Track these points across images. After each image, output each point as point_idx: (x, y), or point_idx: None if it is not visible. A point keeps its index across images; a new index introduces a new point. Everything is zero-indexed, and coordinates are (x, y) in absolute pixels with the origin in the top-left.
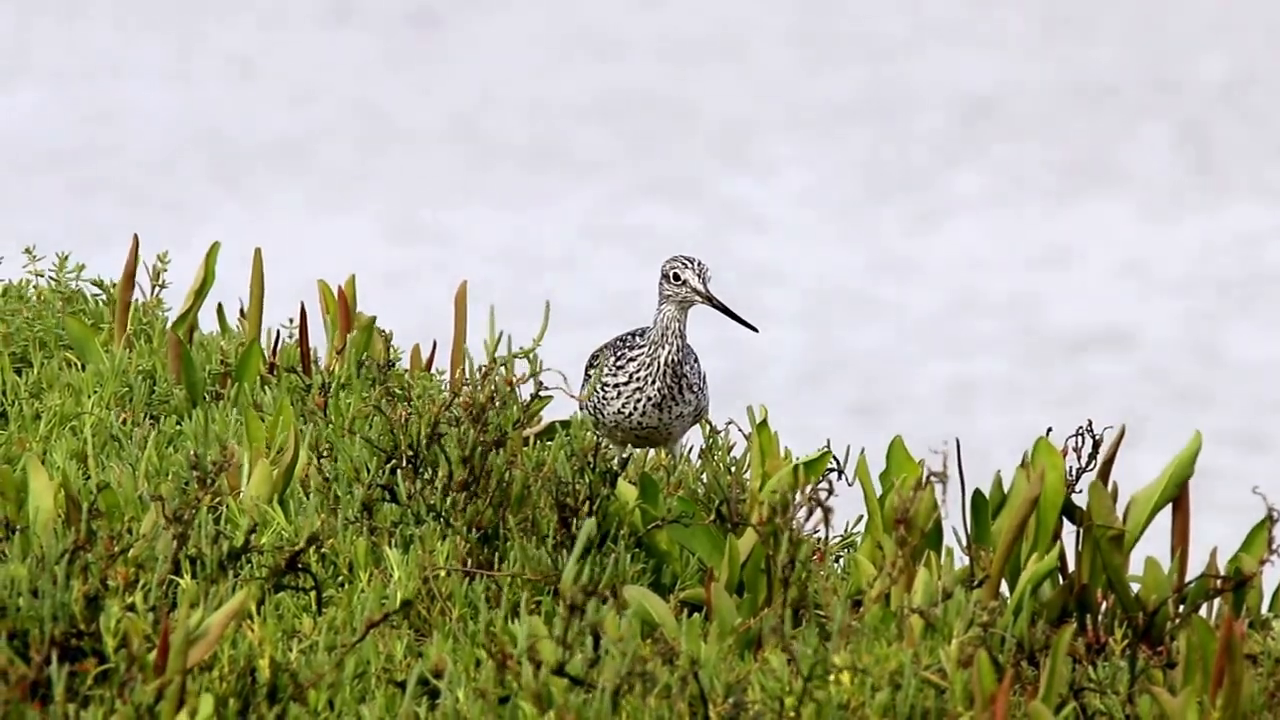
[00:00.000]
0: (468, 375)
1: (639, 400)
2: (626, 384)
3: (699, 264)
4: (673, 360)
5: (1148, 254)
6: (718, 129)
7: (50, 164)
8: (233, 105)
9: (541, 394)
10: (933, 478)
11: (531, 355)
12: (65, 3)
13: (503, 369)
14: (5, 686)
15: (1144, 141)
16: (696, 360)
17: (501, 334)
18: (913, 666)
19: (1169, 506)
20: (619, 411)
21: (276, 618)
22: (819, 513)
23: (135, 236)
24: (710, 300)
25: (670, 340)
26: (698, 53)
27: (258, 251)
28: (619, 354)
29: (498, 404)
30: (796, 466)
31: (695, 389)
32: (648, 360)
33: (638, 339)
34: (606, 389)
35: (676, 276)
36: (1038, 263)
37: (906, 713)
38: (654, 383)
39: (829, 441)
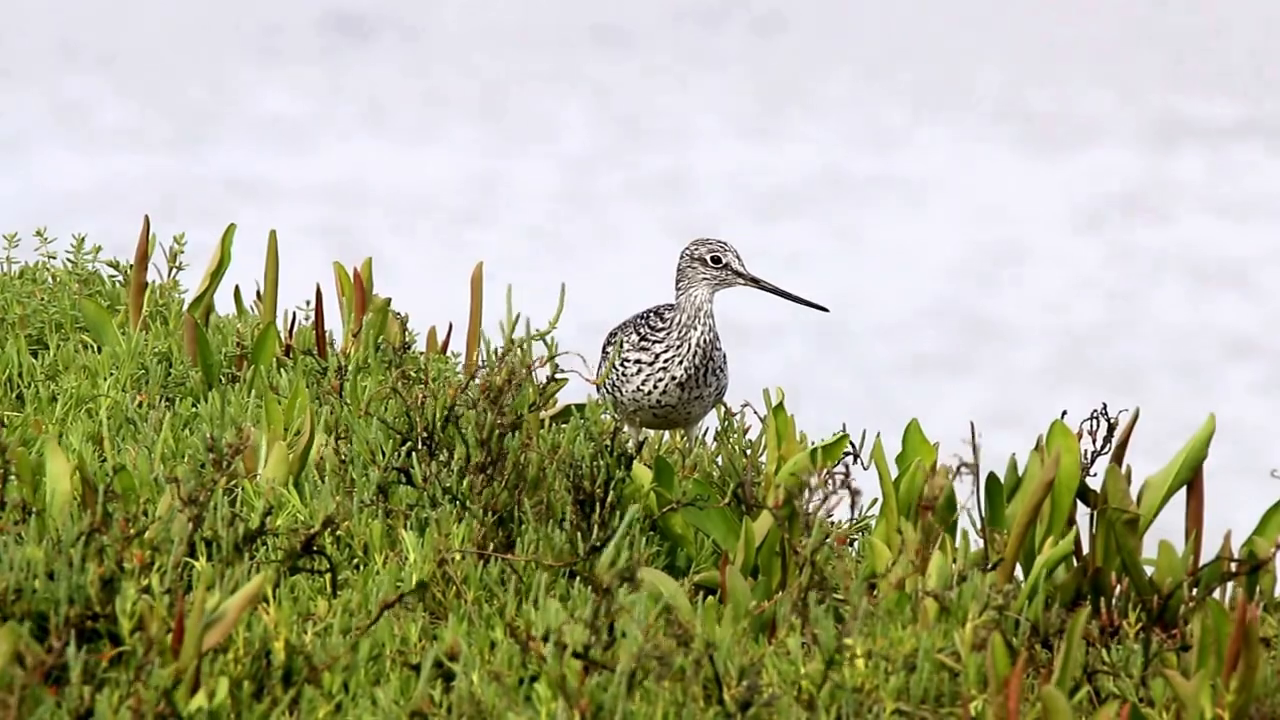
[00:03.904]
0: (483, 357)
1: (662, 379)
2: (651, 363)
3: (731, 247)
4: (705, 342)
5: None
6: None
7: None
8: None
9: (558, 376)
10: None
11: (549, 339)
12: None
13: (519, 351)
14: (22, 669)
15: None
16: (720, 342)
17: (518, 316)
18: (927, 650)
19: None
20: (638, 389)
21: (292, 600)
22: (836, 496)
23: (146, 218)
24: (757, 282)
25: (703, 321)
26: None
27: (272, 234)
28: (641, 332)
29: (514, 387)
30: (814, 450)
31: (717, 372)
32: (677, 341)
33: (659, 319)
34: (627, 365)
35: (717, 260)
36: None
37: (920, 696)
38: (681, 363)
39: (845, 425)
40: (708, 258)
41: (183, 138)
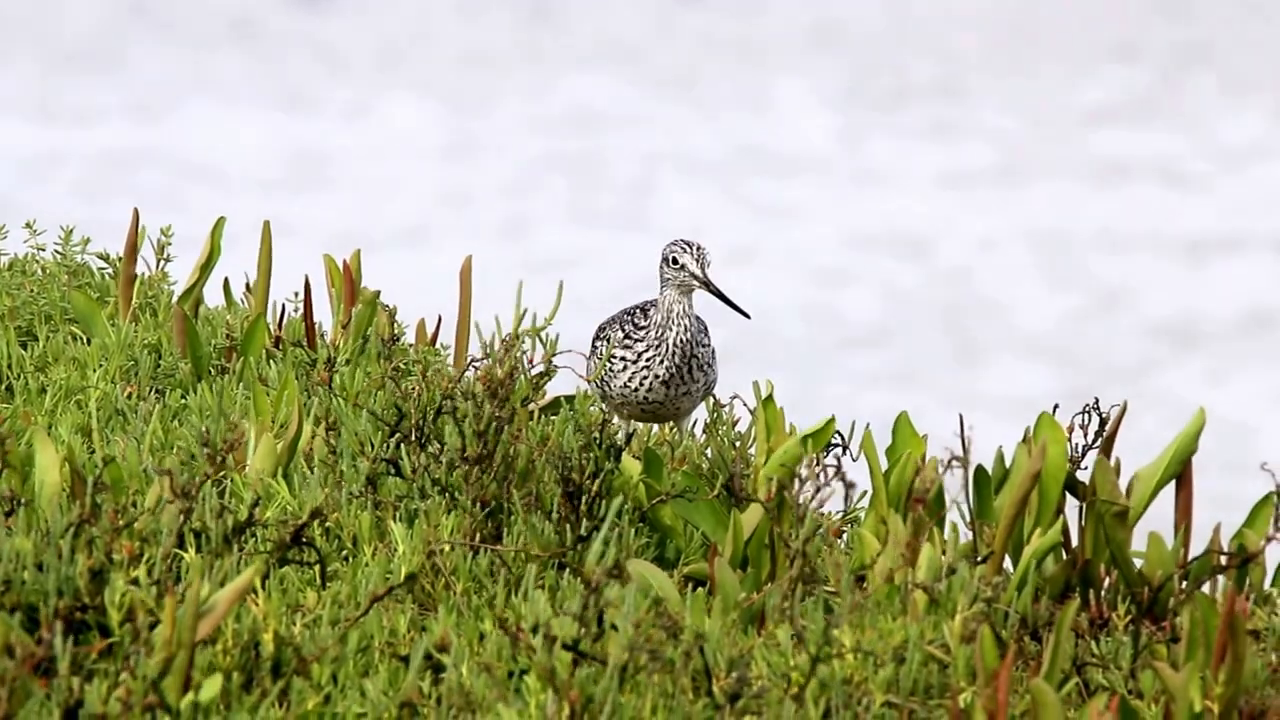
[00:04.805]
0: (485, 349)
1: (646, 376)
2: (635, 360)
3: (698, 248)
4: (682, 341)
5: None
6: None
7: None
8: None
9: (549, 369)
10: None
11: (544, 333)
12: None
13: (526, 344)
14: (11, 661)
15: None
16: (707, 337)
17: (525, 310)
18: (916, 642)
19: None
20: (625, 385)
21: (280, 592)
22: (828, 487)
23: (135, 210)
24: (708, 286)
25: (676, 321)
26: None
27: (266, 225)
28: (626, 329)
29: (512, 380)
30: (804, 438)
31: (704, 367)
32: (656, 341)
33: (643, 315)
34: (614, 361)
35: (675, 261)
36: None
37: (909, 688)
38: (662, 362)
39: (833, 416)
40: (670, 258)
41: (138, 113)
